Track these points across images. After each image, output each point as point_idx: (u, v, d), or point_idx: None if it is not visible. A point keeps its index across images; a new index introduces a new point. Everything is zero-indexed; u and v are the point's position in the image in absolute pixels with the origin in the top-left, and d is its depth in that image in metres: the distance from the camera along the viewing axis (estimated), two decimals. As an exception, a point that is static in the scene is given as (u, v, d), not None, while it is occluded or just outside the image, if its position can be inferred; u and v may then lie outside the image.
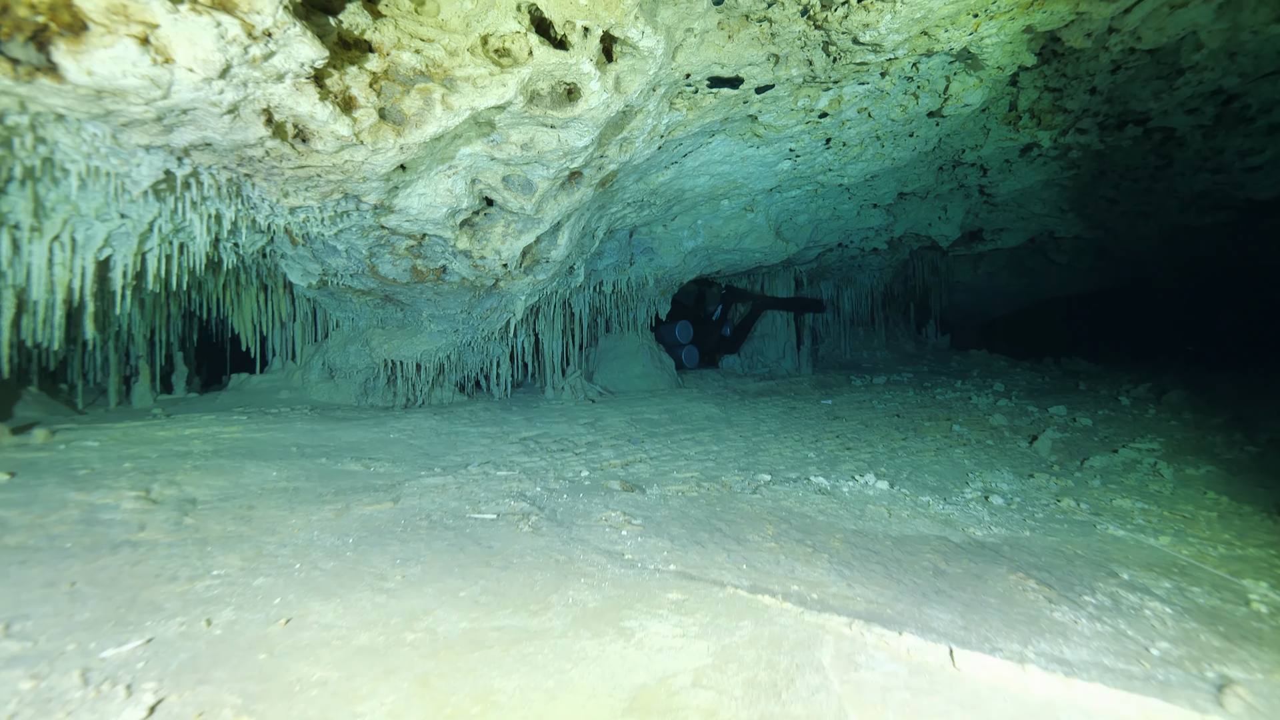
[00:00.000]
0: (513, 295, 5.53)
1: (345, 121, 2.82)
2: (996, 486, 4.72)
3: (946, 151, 7.28)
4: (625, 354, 8.42)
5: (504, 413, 6.04)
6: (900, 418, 7.10)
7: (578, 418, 6.00)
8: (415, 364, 6.08)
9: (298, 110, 2.69)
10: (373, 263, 4.55)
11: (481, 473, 4.20)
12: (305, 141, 2.91)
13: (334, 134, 2.85)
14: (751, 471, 4.69)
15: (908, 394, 8.92)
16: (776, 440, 5.82)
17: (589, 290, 7.30)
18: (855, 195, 7.73)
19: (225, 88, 2.44)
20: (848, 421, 6.78)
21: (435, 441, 4.89)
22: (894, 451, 5.62)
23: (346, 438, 4.75)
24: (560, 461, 4.67)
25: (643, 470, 4.62)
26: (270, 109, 2.69)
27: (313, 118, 2.74)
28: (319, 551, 2.75)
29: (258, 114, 2.68)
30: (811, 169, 6.19)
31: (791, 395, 8.60)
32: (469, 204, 4.16)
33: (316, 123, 2.78)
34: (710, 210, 6.81)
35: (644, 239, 7.07)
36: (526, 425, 5.60)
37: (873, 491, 4.36)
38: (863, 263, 11.80)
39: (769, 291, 11.48)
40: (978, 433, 6.47)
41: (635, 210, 6.07)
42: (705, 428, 6.11)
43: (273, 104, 2.66)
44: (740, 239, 7.40)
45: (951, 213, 10.17)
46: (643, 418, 6.25)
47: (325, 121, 2.76)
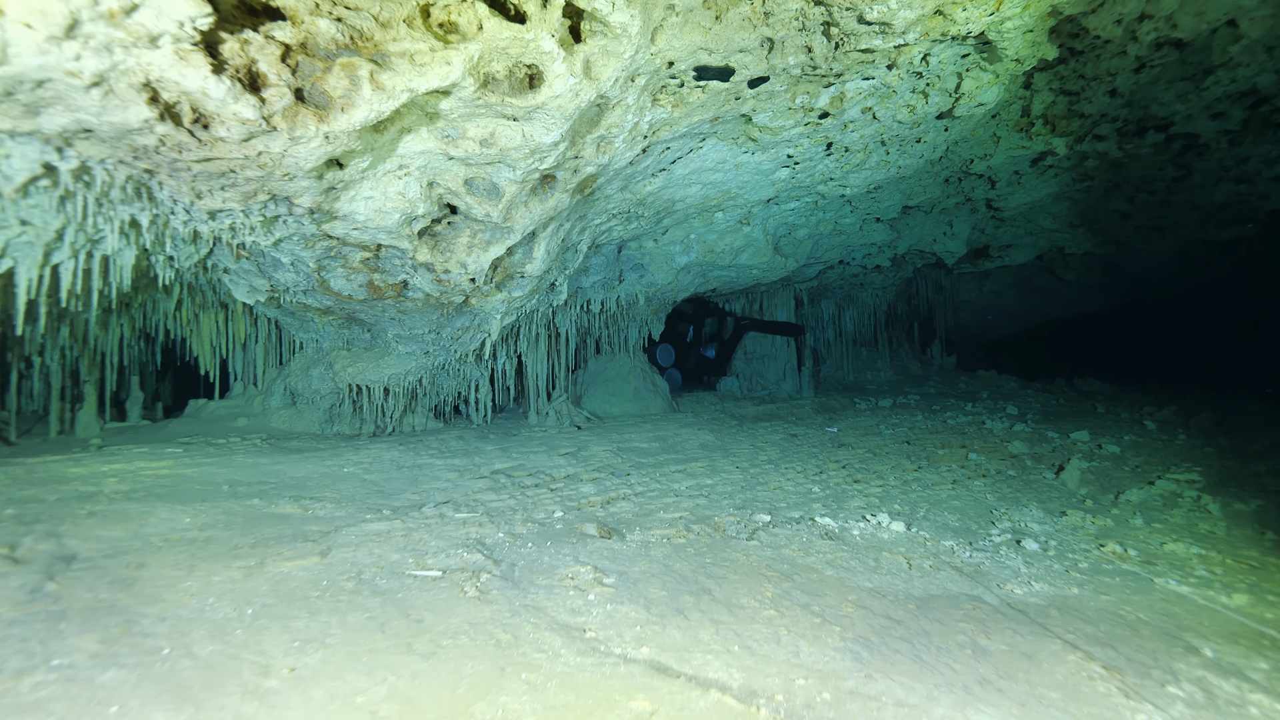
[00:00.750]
0: (486, 314, 5.00)
1: (250, 102, 2.31)
2: (1027, 527, 4.12)
3: (954, 161, 6.78)
4: (615, 377, 7.86)
5: (479, 442, 5.47)
6: (911, 445, 6.51)
7: (559, 447, 5.42)
8: (383, 389, 5.53)
9: (186, 85, 2.18)
10: (323, 277, 4.03)
11: (437, 515, 3.62)
12: (206, 128, 2.40)
13: (237, 117, 2.34)
14: (748, 510, 4.10)
15: (916, 418, 8.33)
16: (777, 471, 5.24)
17: (575, 309, 6.77)
18: (858, 208, 7.22)
19: (81, 51, 1.94)
20: (854, 450, 6.20)
21: (393, 476, 4.32)
22: (907, 484, 5.03)
23: (292, 473, 4.18)
24: (532, 499, 4.09)
25: (625, 509, 4.04)
26: (152, 83, 2.19)
27: (207, 95, 2.23)
28: (203, 629, 2.18)
29: (136, 89, 2.17)
30: (811, 178, 5.69)
31: (792, 420, 8.02)
32: (427, 210, 3.64)
33: (213, 102, 2.27)
34: (704, 224, 6.29)
35: (633, 254, 6.55)
36: (501, 456, 5.03)
37: (887, 535, 3.77)
38: (865, 281, 11.27)
39: (768, 312, 10.95)
40: (997, 462, 5.87)
41: (622, 223, 5.56)
42: (699, 457, 5.53)
43: (153, 76, 2.16)
44: (736, 254, 6.88)
45: (957, 228, 9.67)
46: (630, 446, 5.68)
47: (223, 100, 2.26)
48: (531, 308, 5.45)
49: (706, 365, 10.29)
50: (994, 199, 8.55)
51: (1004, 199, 8.45)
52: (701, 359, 10.05)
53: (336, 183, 3.07)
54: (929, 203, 8.15)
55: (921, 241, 9.84)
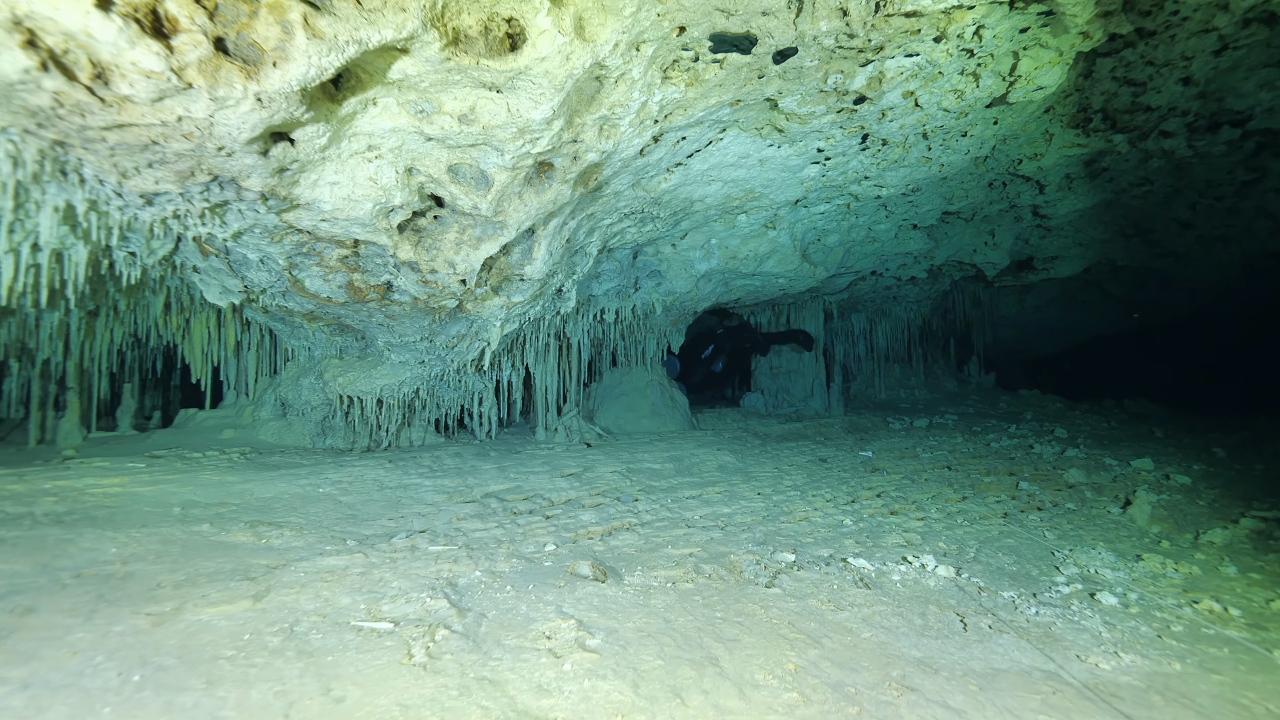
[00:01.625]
0: (484, 320, 4.53)
1: (153, 49, 1.87)
2: (1098, 574, 3.48)
3: (1001, 161, 6.17)
4: (631, 391, 7.35)
5: (477, 460, 4.99)
6: (952, 471, 5.86)
7: (563, 467, 4.91)
8: (376, 400, 5.09)
9: (65, 24, 1.76)
10: (296, 277, 3.61)
11: (409, 547, 3.13)
12: (108, 84, 1.98)
13: (139, 68, 1.91)
14: (770, 547, 3.54)
15: (956, 440, 7.64)
16: (803, 499, 4.65)
17: (587, 318, 6.28)
18: (894, 213, 6.63)
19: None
20: (889, 475, 5.57)
21: (373, 499, 3.85)
22: (951, 517, 4.40)
23: (261, 493, 3.74)
24: (523, 529, 3.58)
25: (628, 543, 3.50)
26: (23, 21, 1.77)
27: (93, 38, 1.80)
28: (67, 704, 1.70)
29: (6, 30, 1.76)
30: (844, 176, 5.13)
31: (820, 440, 7.41)
32: (405, 200, 3.19)
33: (105, 48, 1.84)
34: (725, 227, 5.77)
35: (650, 260, 6.06)
36: (497, 476, 4.53)
37: (933, 581, 3.17)
38: (899, 294, 10.61)
39: (796, 325, 10.35)
40: (1052, 492, 5.19)
41: (636, 224, 5.07)
42: (717, 481, 4.97)
43: (21, 11, 1.74)
44: (761, 261, 6.33)
45: (1000, 238, 8.98)
46: (642, 467, 5.14)
47: (117, 46, 1.83)
48: (536, 315, 4.98)
49: (713, 380, 9.72)
50: (1041, 205, 7.87)
51: (1053, 205, 7.77)
52: (709, 374, 9.48)
53: (289, 163, 2.63)
54: (971, 208, 7.51)
55: (961, 252, 9.17)
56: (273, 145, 2.53)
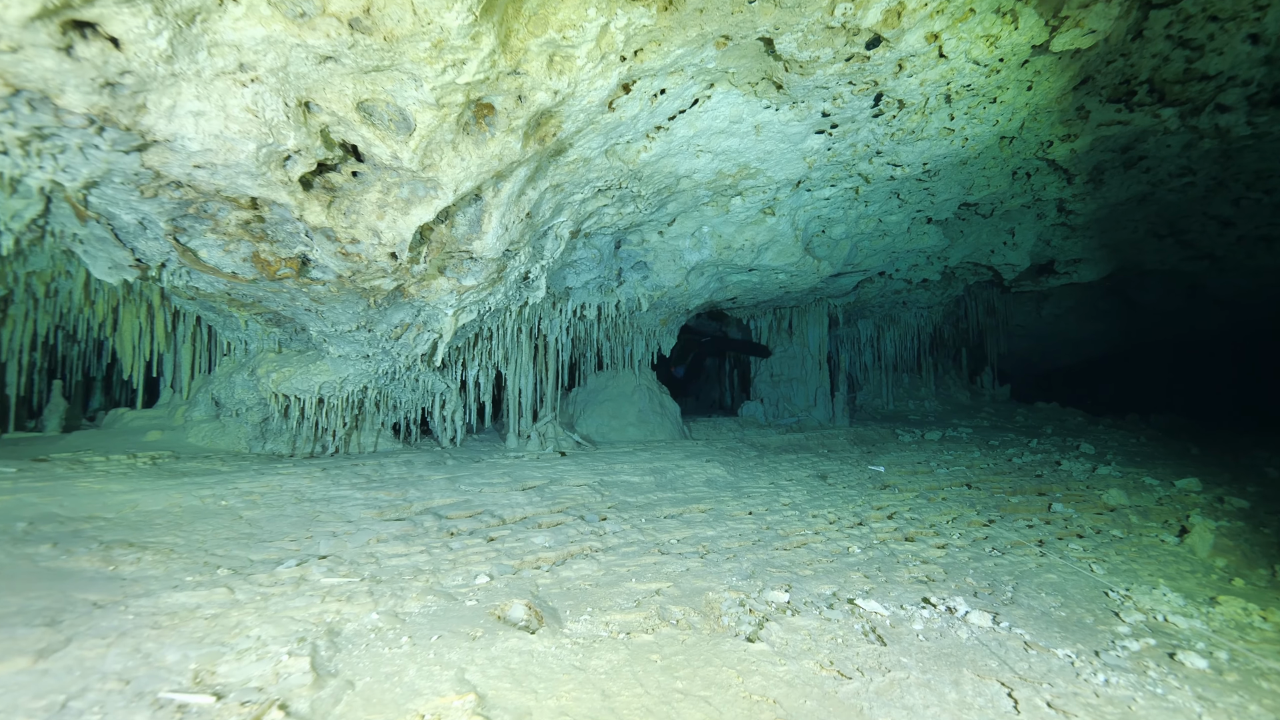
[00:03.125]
0: (433, 308, 3.86)
1: None
2: (1168, 622, 2.75)
3: (1029, 143, 5.47)
4: (618, 396, 6.65)
5: (428, 469, 4.31)
6: (973, 490, 5.11)
7: (526, 478, 4.22)
8: (315, 400, 4.43)
9: None
10: (185, 244, 2.96)
11: (295, 578, 2.44)
12: None
13: None
14: (758, 581, 2.83)
15: (973, 455, 6.89)
16: (802, 520, 3.94)
17: (565, 314, 5.61)
18: (907, 203, 5.94)
19: None
20: (902, 493, 4.83)
21: (283, 514, 3.17)
22: (978, 546, 3.67)
23: (147, 505, 3.07)
24: (455, 554, 2.88)
25: (583, 574, 2.80)
26: None
27: None
28: None
29: None
30: (853, 150, 4.46)
31: (824, 453, 6.68)
32: (303, 144, 2.53)
33: None
34: (718, 212, 5.10)
35: (634, 250, 5.38)
36: (445, 488, 3.84)
37: (965, 632, 2.45)
38: (909, 298, 9.89)
39: (798, 331, 9.65)
40: (1091, 516, 4.44)
41: (614, 204, 4.40)
42: (702, 497, 4.26)
43: None
44: (758, 253, 5.65)
45: (1020, 237, 8.27)
46: (617, 480, 4.44)
47: None
48: (498, 304, 4.31)
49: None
50: (1068, 200, 7.16)
51: (1081, 199, 7.06)
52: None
53: (119, 74, 1.99)
54: (991, 201, 6.81)
55: (977, 252, 8.46)
56: (81, 41, 1.89)
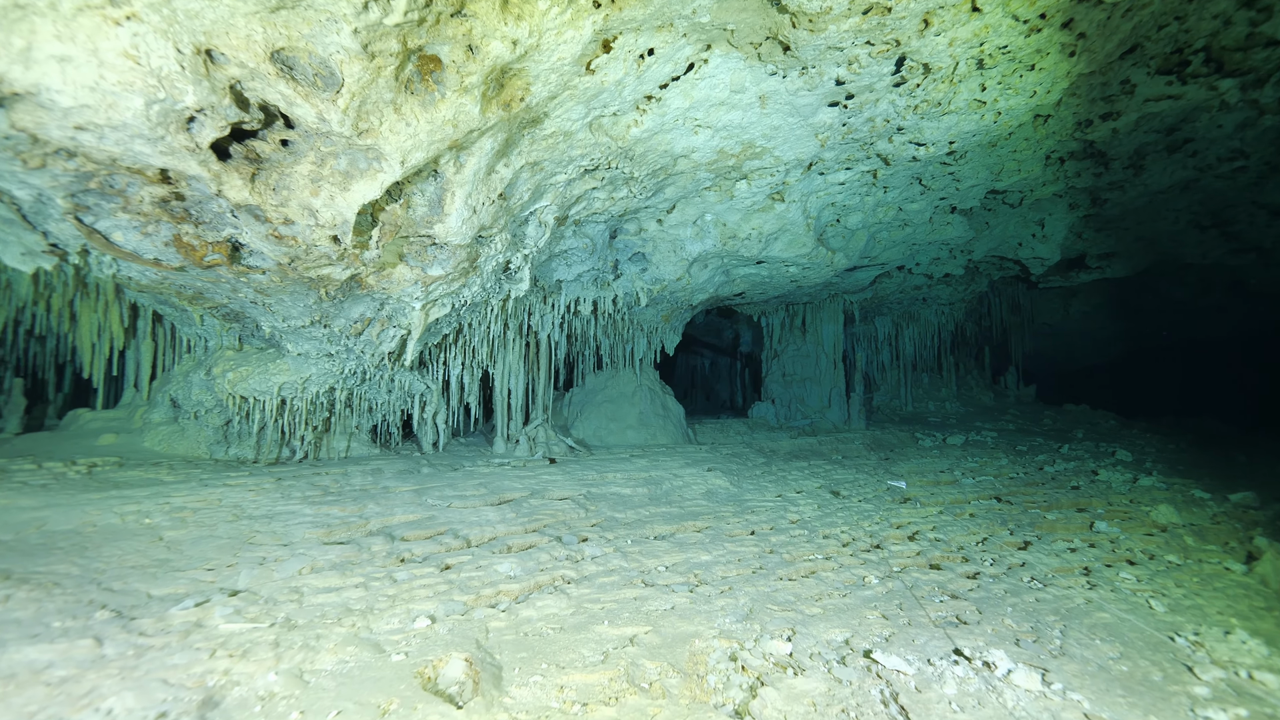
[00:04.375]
0: (398, 301, 3.43)
1: None
2: (1256, 681, 2.23)
3: (1066, 122, 4.91)
4: (617, 398, 6.18)
5: (397, 478, 3.87)
6: (1004, 504, 4.57)
7: (505, 490, 3.77)
8: (277, 402, 4.01)
9: None
10: (91, 225, 2.55)
11: (190, 623, 2.01)
12: None
13: None
14: (755, 624, 2.34)
15: (1000, 462, 6.34)
16: (811, 541, 3.44)
17: (558, 310, 5.15)
18: (930, 189, 5.40)
19: None
20: (924, 507, 4.31)
21: (214, 534, 2.74)
22: (1013, 574, 3.15)
23: (56, 524, 2.66)
24: (399, 588, 2.44)
25: (547, 613, 2.34)
26: None
27: None
28: None
29: None
30: (871, 126, 3.94)
31: (838, 459, 6.16)
32: (206, 102, 2.09)
33: None
34: (721, 197, 4.61)
35: (631, 240, 4.91)
36: (410, 503, 3.40)
37: (1011, 698, 1.95)
38: (929, 294, 9.31)
39: (812, 329, 9.12)
40: (1141, 537, 3.89)
41: (605, 187, 3.93)
42: (700, 513, 3.78)
43: None
44: (767, 243, 5.14)
45: (1050, 229, 7.66)
46: (606, 492, 3.97)
47: None
48: (475, 298, 3.86)
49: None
50: (1103, 189, 6.56)
51: (1118, 187, 6.46)
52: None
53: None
54: (1021, 188, 6.24)
55: (1004, 245, 7.87)
56: None
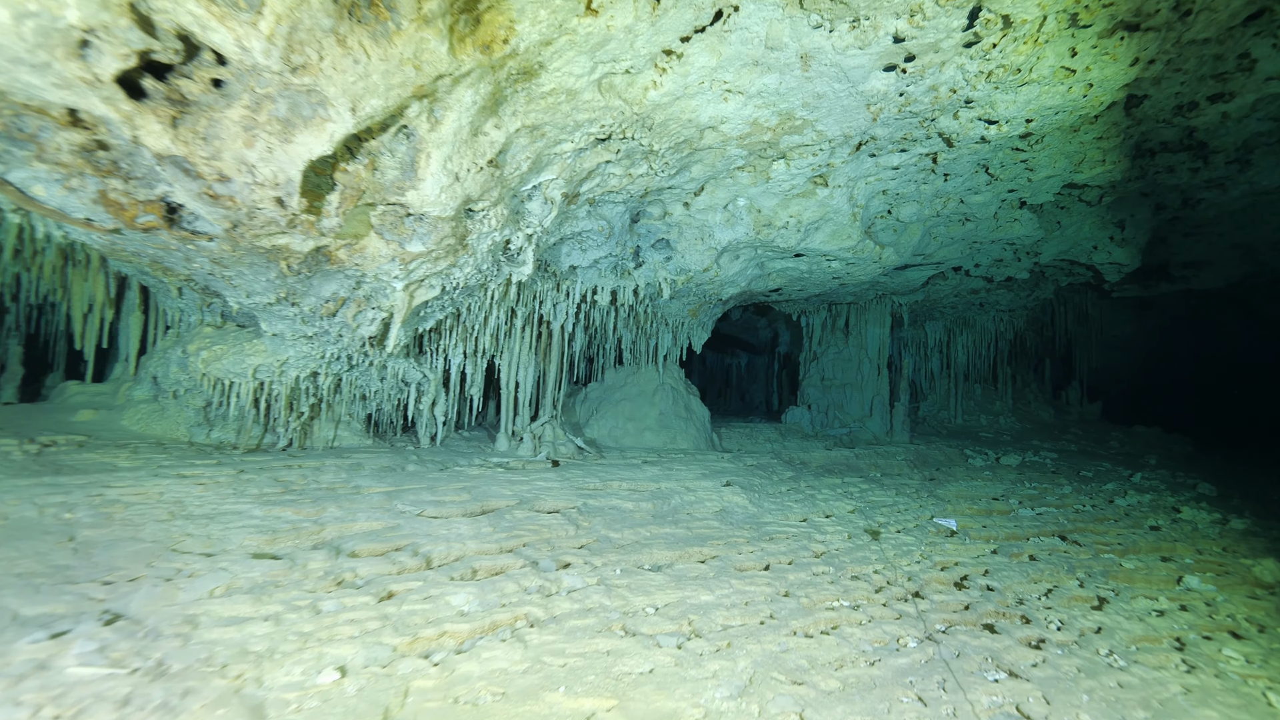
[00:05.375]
0: (376, 279, 3.00)
1: None
2: None
3: (1163, 105, 4.15)
4: (636, 396, 5.69)
5: (373, 477, 3.47)
6: (1070, 543, 3.89)
7: (490, 496, 3.32)
8: (254, 386, 3.66)
9: None
10: (4, 178, 2.19)
11: (26, 668, 1.60)
12: None
13: None
14: (753, 704, 1.82)
15: (1062, 489, 5.59)
16: (836, 583, 2.88)
17: (572, 298, 4.68)
18: (998, 178, 4.70)
19: None
20: (974, 542, 3.67)
21: (135, 537, 2.37)
22: (1086, 643, 2.53)
23: (-37, 517, 2.32)
24: (318, 623, 2.00)
25: (492, 669, 1.87)
26: None
27: None
28: None
29: None
30: (934, 95, 3.32)
31: (875, 477, 5.52)
32: (90, 18, 1.69)
33: None
34: (756, 179, 4.04)
35: (654, 225, 4.39)
36: (376, 508, 2.98)
37: None
38: (988, 299, 8.47)
39: (856, 332, 8.42)
40: (1244, 601, 3.18)
41: (621, 161, 3.43)
42: (709, 537, 3.25)
43: None
44: (806, 233, 4.55)
45: (1132, 232, 6.78)
46: (605, 505, 3.48)
47: None
48: (469, 280, 3.41)
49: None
50: (1198, 187, 5.70)
51: (1219, 185, 5.60)
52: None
53: None
54: (1101, 185, 5.45)
55: (1076, 248, 7.02)
56: None
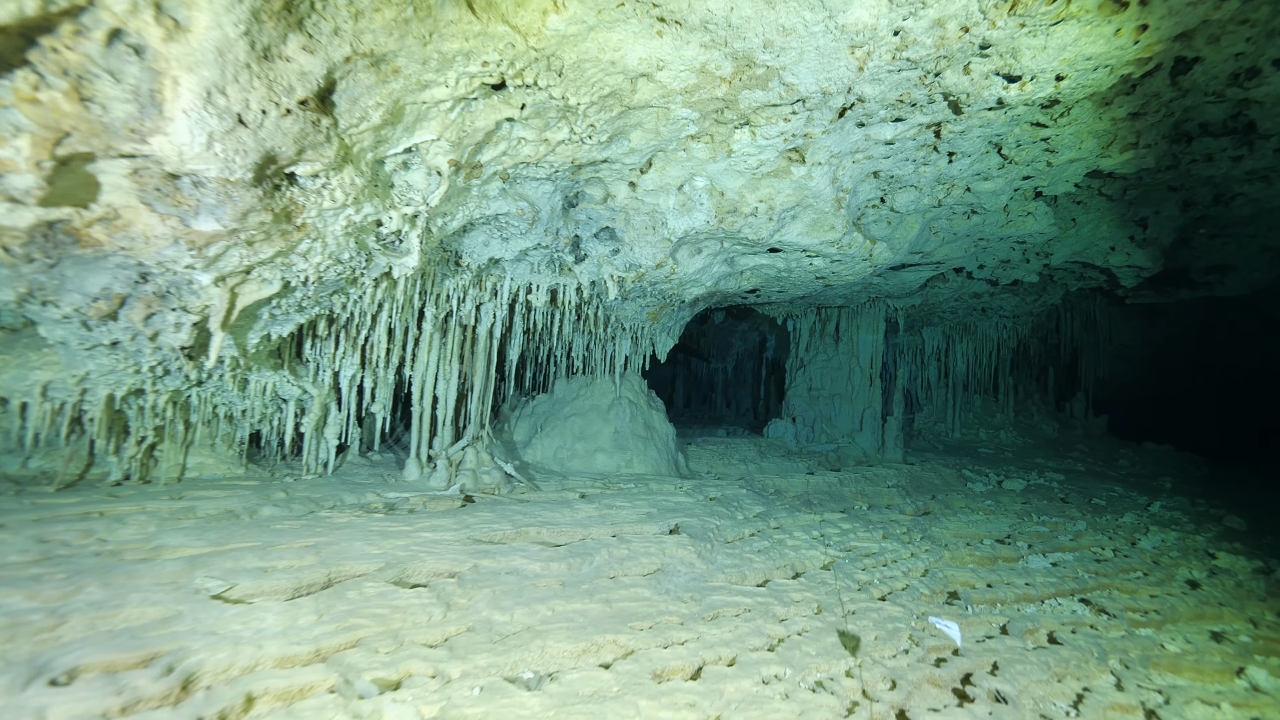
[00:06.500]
0: (168, 270, 2.18)
1: None
2: None
3: (1217, 72, 3.33)
4: (589, 410, 4.86)
5: (193, 530, 2.64)
6: (1095, 612, 3.05)
7: (347, 557, 2.49)
8: (51, 407, 2.82)
9: None
10: None
11: None
12: None
13: None
14: None
15: (1076, 523, 4.78)
16: (791, 700, 2.06)
17: (501, 297, 3.86)
18: (1013, 161, 3.88)
19: None
20: (977, 608, 2.86)
21: None
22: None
23: None
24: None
25: None
26: None
27: None
28: None
29: None
30: (939, 35, 2.52)
31: (861, 511, 4.68)
32: None
33: None
34: (715, 152, 3.21)
35: (595, 211, 3.56)
36: (166, 582, 2.16)
37: None
38: (990, 304, 7.65)
39: (847, 337, 7.59)
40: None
41: (532, 121, 2.63)
42: (635, 615, 2.41)
43: None
44: (780, 222, 3.72)
45: (1155, 231, 5.97)
46: (503, 568, 2.64)
47: None
48: (330, 274, 2.59)
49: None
50: (1237, 180, 4.88)
51: (1263, 177, 4.79)
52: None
53: None
54: (1127, 174, 4.63)
55: (1092, 249, 6.21)
56: None
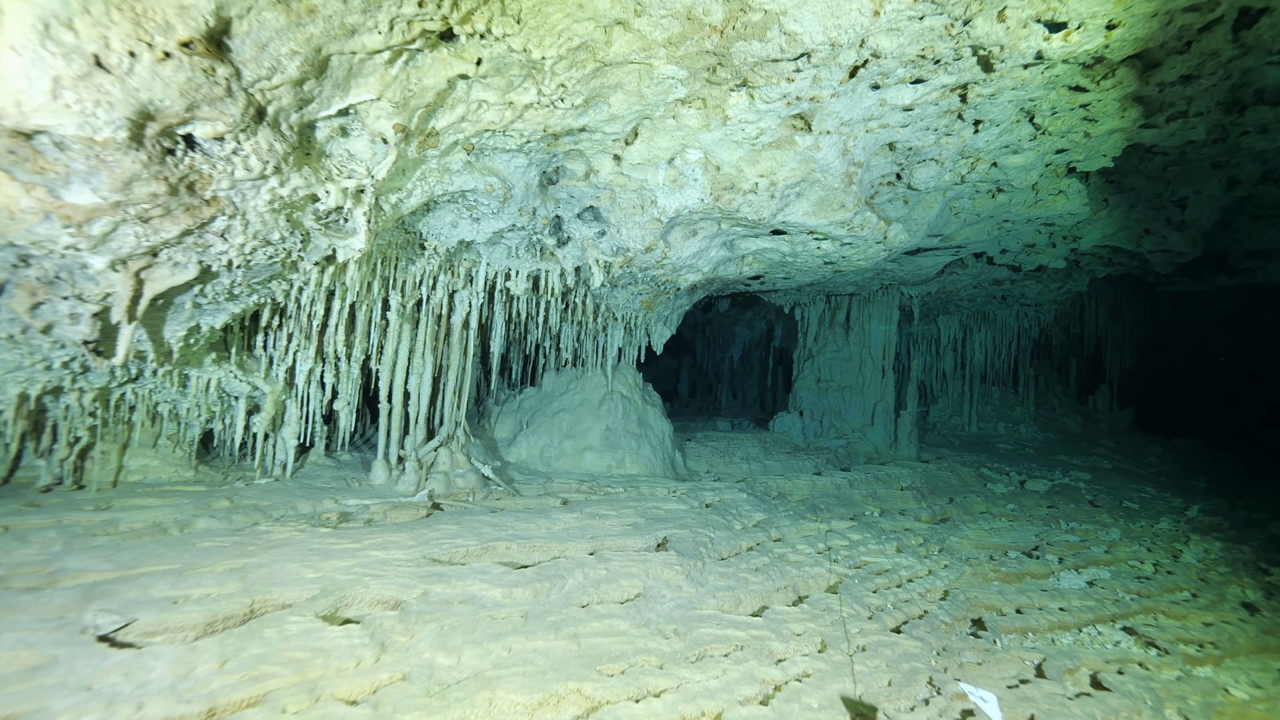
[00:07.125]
0: (52, 253, 1.81)
1: None
2: None
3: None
4: (579, 406, 4.49)
5: (105, 548, 2.31)
6: (1144, 645, 2.63)
7: (278, 583, 2.15)
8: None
9: None
10: None
11: None
12: None
13: None
14: None
15: (1109, 531, 4.36)
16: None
17: (477, 284, 3.48)
18: (1046, 132, 3.42)
19: None
20: (1007, 639, 2.46)
21: None
22: None
23: None
24: None
25: None
26: None
27: None
28: None
29: None
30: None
31: (871, 517, 4.27)
32: None
33: None
34: (707, 119, 2.79)
35: (578, 188, 3.16)
36: (51, 618, 1.83)
37: None
38: (1011, 291, 7.16)
39: (857, 327, 7.14)
40: None
41: (492, 80, 2.25)
42: (605, 655, 2.05)
43: None
44: (784, 200, 3.30)
45: (1194, 212, 5.46)
46: (456, 597, 2.28)
47: None
48: (259, 258, 2.22)
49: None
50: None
51: (1327, 148, 4.27)
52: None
53: None
54: (1170, 148, 4.15)
55: (1125, 232, 5.71)
56: None
